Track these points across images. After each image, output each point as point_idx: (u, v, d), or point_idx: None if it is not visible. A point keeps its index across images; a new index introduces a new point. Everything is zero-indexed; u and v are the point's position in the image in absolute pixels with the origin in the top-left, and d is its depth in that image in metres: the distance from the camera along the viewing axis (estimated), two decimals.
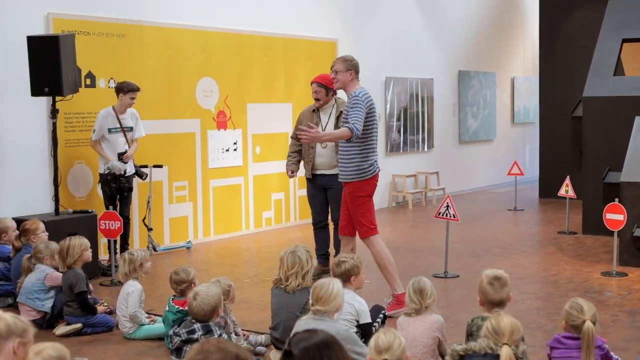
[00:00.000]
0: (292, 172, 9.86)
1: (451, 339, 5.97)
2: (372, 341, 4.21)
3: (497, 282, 5.47)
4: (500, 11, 20.43)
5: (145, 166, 11.01)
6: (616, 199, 9.93)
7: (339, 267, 6.46)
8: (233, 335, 6.75)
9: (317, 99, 9.54)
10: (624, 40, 13.20)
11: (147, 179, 10.88)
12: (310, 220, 13.34)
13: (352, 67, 8.15)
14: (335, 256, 8.55)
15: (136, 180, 10.80)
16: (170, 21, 11.75)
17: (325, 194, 9.65)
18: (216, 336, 5.76)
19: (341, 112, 9.00)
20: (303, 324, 5.48)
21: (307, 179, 9.77)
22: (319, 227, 9.84)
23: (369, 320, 6.27)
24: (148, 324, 7.36)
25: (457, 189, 17.95)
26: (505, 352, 4.40)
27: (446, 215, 9.76)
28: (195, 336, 5.85)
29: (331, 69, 8.32)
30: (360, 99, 7.93)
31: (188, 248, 11.66)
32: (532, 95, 21.13)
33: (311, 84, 9.68)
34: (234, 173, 12.84)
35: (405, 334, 5.22)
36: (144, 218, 11.13)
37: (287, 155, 9.96)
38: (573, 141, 15.00)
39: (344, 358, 3.50)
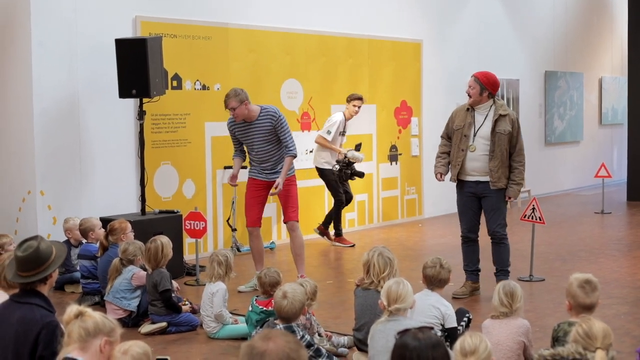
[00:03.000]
0: (441, 175, 8.97)
1: (536, 343, 5.89)
2: (457, 344, 4.17)
3: (588, 285, 5.38)
4: (588, 10, 20.08)
5: (231, 167, 11.13)
6: None
7: (433, 270, 6.44)
8: (316, 336, 6.76)
9: (468, 95, 8.83)
10: None
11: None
12: (392, 222, 13.35)
13: (244, 97, 8.96)
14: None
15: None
16: (255, 23, 11.84)
17: (478, 203, 8.82)
18: (299, 337, 5.77)
19: (500, 115, 8.56)
20: (380, 327, 5.46)
21: (456, 185, 8.99)
22: (470, 240, 8.92)
23: (455, 324, 6.22)
24: (232, 324, 7.41)
25: (543, 191, 17.68)
26: (599, 356, 4.31)
27: (532, 218, 9.63)
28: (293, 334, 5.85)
29: (226, 106, 9.02)
30: (281, 118, 9.05)
31: (271, 249, 11.72)
32: (621, 96, 20.72)
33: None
34: (318, 174, 12.84)
35: (490, 337, 5.17)
36: (228, 218, 11.24)
37: (436, 156, 9.16)
38: None
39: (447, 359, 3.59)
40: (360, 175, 12.20)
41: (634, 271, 10.22)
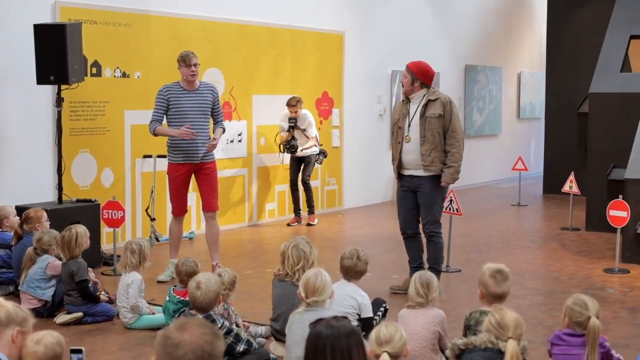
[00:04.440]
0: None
1: (452, 333, 5.97)
2: (373, 333, 4.21)
3: (499, 275, 5.45)
4: (508, 6, 20.38)
5: (150, 156, 11.07)
6: (620, 196, 9.92)
7: (350, 261, 6.45)
8: (234, 326, 6.75)
9: (401, 84, 8.77)
10: (632, 37, 13.17)
11: (152, 169, 10.90)
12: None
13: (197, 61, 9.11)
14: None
15: (151, 169, 10.84)
16: (177, 11, 11.74)
17: (414, 198, 8.65)
18: (219, 325, 5.77)
19: (429, 100, 8.45)
20: (298, 317, 5.47)
21: (396, 178, 8.93)
22: (408, 235, 8.80)
23: (371, 314, 6.27)
24: (148, 314, 7.37)
25: (461, 183, 17.82)
26: (511, 345, 4.38)
27: (449, 210, 9.75)
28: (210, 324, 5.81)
29: (189, 63, 9.03)
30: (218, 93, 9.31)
31: (190, 239, 11.66)
32: (539, 90, 21.09)
33: None
34: (238, 164, 12.84)
35: (406, 327, 5.21)
36: (147, 208, 11.15)
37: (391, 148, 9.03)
38: (578, 137, 15.03)
39: (365, 348, 3.61)
40: (290, 147, 12.79)
41: (548, 262, 10.43)
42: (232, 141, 12.61)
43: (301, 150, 13.02)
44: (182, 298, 6.77)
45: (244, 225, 12.94)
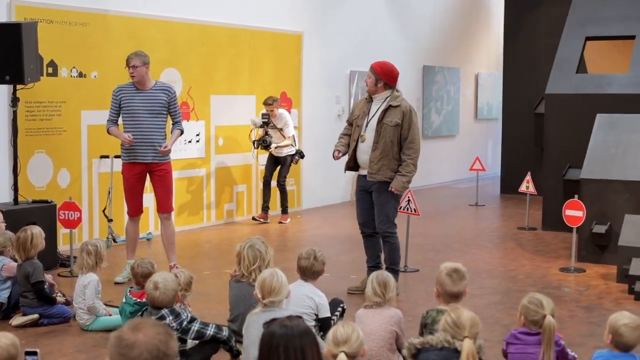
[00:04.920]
0: (339, 152, 8.76)
1: (409, 332, 5.98)
2: (330, 334, 4.21)
3: (455, 274, 5.47)
4: (466, 7, 20.52)
5: (107, 156, 11.00)
6: (576, 196, 10.02)
7: (307, 261, 6.46)
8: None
9: (366, 84, 8.81)
10: (587, 38, 13.31)
11: (110, 169, 10.82)
12: (270, 213, 13.43)
13: (147, 61, 9.01)
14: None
15: (108, 169, 10.75)
16: (134, 11, 11.67)
17: (370, 198, 8.64)
18: (184, 317, 5.78)
19: (391, 106, 8.42)
20: (255, 317, 5.47)
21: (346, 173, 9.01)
22: (367, 234, 8.80)
23: (328, 314, 6.27)
24: (105, 316, 7.32)
25: (419, 183, 17.96)
26: (467, 344, 4.41)
27: (407, 210, 9.79)
28: (167, 322, 5.79)
29: (129, 64, 8.96)
30: (176, 95, 9.15)
31: (148, 239, 11.60)
32: (496, 91, 21.26)
33: None
34: (196, 165, 12.80)
35: (363, 327, 5.22)
36: (104, 209, 11.07)
37: (339, 137, 8.97)
38: (535, 138, 15.15)
39: (318, 348, 3.62)
40: (263, 142, 13.04)
41: (505, 262, 10.51)
42: (190, 141, 12.56)
43: (275, 147, 13.11)
44: (138, 300, 6.73)
45: (203, 226, 12.89)
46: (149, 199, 10.42)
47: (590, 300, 8.57)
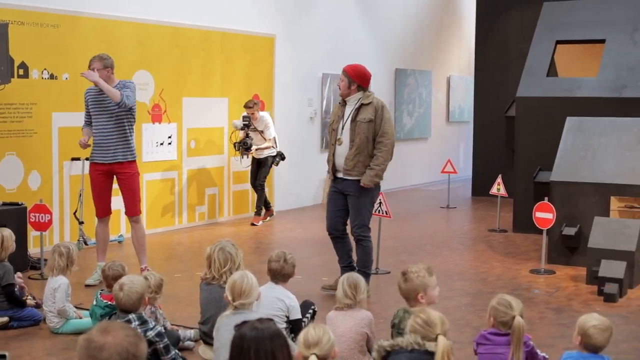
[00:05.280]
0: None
1: (380, 334, 6.00)
2: (301, 336, 4.21)
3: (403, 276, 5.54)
4: (438, 10, 20.60)
5: (78, 159, 10.96)
6: (546, 198, 10.09)
7: (277, 264, 6.48)
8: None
9: (338, 87, 8.79)
10: (558, 42, 13.41)
11: (81, 172, 10.78)
12: (243, 216, 13.42)
13: (109, 64, 8.99)
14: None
15: (79, 172, 10.69)
16: (106, 13, 11.63)
17: (344, 200, 8.65)
18: (150, 326, 5.74)
19: (362, 104, 8.50)
20: (225, 320, 5.47)
21: (331, 180, 8.90)
22: (335, 236, 8.79)
23: (299, 316, 6.29)
24: (75, 319, 7.29)
25: (391, 186, 18.04)
26: (441, 341, 4.42)
27: (379, 212, 9.81)
28: (132, 327, 5.77)
29: (89, 67, 8.97)
30: (133, 85, 9.02)
31: (120, 242, 11.57)
32: (467, 94, 21.36)
33: None
34: (168, 167, 12.77)
35: (334, 329, 5.24)
36: (75, 211, 11.02)
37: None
38: (506, 140, 15.22)
39: (289, 350, 3.63)
40: (243, 144, 13.25)
41: (476, 264, 10.56)
42: (162, 144, 12.54)
43: (255, 150, 13.27)
44: (109, 302, 6.71)
45: (174, 228, 12.87)
46: (119, 201, 10.38)
47: (560, 301, 8.64)
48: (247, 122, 13.14)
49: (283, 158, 13.72)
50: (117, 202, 9.61)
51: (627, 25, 12.88)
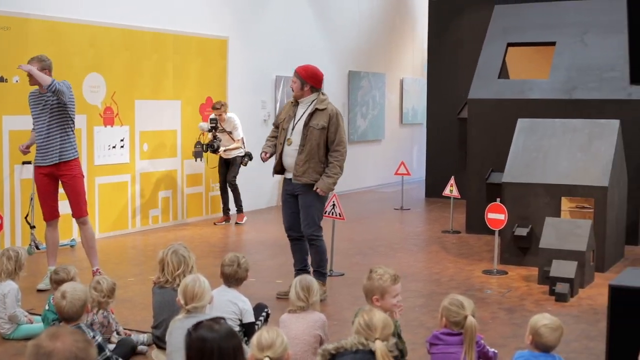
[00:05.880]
0: (265, 154, 8.79)
1: (335, 336, 6.00)
2: (254, 339, 4.21)
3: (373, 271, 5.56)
4: (391, 13, 20.68)
5: (29, 162, 10.84)
6: (498, 199, 10.17)
7: (230, 268, 6.46)
8: (115, 334, 6.69)
9: (291, 89, 8.80)
10: (509, 44, 13.53)
11: (32, 176, 10.67)
12: (197, 219, 13.37)
13: (47, 66, 8.91)
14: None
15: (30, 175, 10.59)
16: (57, 15, 11.52)
17: (296, 201, 8.66)
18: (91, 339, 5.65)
19: (317, 109, 8.46)
20: (178, 323, 5.44)
21: (275, 177, 8.90)
22: (293, 238, 8.80)
23: (253, 319, 6.28)
24: (27, 324, 7.21)
25: (345, 188, 18.07)
26: (378, 346, 4.45)
27: (332, 214, 9.83)
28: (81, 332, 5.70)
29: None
30: (68, 83, 8.92)
31: (72, 246, 11.46)
32: (421, 96, 21.47)
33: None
34: (121, 170, 12.68)
35: (287, 331, 5.24)
36: (27, 215, 10.90)
37: (266, 139, 9.05)
38: (458, 142, 15.32)
39: (243, 351, 3.63)
40: (211, 147, 13.53)
41: (430, 265, 10.62)
42: (114, 147, 12.45)
43: (224, 151, 13.50)
44: None
45: (127, 231, 12.77)
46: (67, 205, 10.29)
47: (512, 301, 8.71)
48: (214, 125, 13.36)
49: (251, 158, 13.85)
50: (67, 206, 9.51)
51: (577, 27, 13.04)
